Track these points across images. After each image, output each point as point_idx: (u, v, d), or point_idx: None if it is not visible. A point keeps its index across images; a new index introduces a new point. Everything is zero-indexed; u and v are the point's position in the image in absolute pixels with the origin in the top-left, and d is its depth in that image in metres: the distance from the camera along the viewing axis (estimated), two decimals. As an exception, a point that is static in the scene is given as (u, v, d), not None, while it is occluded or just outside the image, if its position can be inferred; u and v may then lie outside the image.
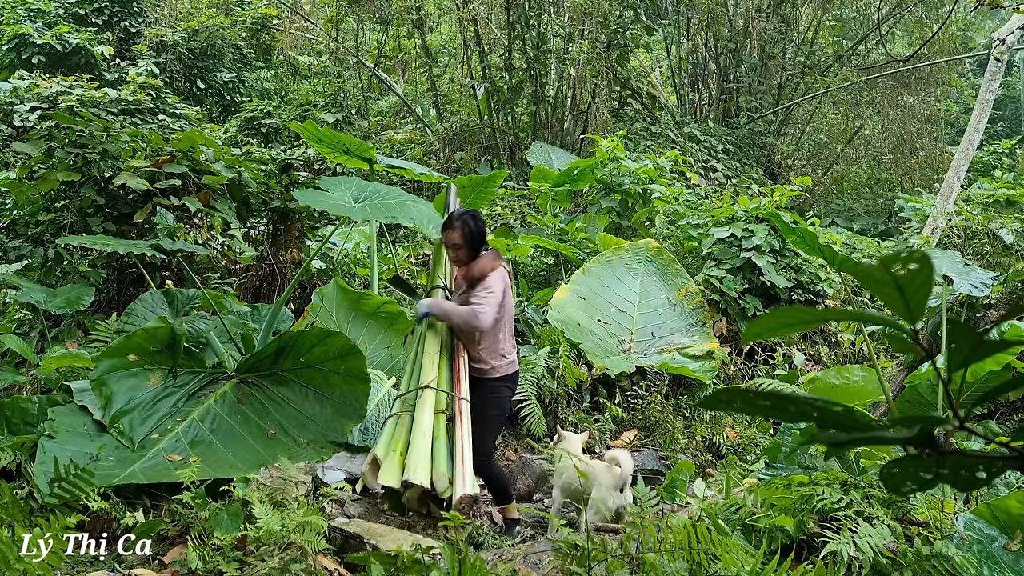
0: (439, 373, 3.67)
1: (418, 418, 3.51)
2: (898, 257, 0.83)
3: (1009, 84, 21.86)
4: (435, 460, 3.39)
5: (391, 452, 3.43)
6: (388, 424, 3.59)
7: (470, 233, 3.74)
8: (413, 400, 3.61)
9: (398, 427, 3.55)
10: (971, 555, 2.47)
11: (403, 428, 3.54)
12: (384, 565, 2.47)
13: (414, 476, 3.28)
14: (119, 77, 13.62)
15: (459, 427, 3.50)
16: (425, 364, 3.69)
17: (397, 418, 3.59)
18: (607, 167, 7.89)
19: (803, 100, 15.26)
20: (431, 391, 3.57)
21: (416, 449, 3.38)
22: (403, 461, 3.39)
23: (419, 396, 3.58)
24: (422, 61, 14.02)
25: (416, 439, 3.42)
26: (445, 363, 3.72)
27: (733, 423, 5.53)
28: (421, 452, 3.37)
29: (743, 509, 2.86)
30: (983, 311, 5.71)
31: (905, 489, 0.94)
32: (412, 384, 3.68)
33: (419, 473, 3.28)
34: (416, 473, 3.28)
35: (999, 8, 7.63)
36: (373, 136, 14.35)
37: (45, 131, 5.53)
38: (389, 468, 3.36)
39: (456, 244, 3.76)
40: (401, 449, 3.44)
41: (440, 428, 3.51)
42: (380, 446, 3.48)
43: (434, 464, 3.37)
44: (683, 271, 6.37)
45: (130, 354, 3.86)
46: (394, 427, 3.56)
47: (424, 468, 3.32)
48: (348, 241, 8.62)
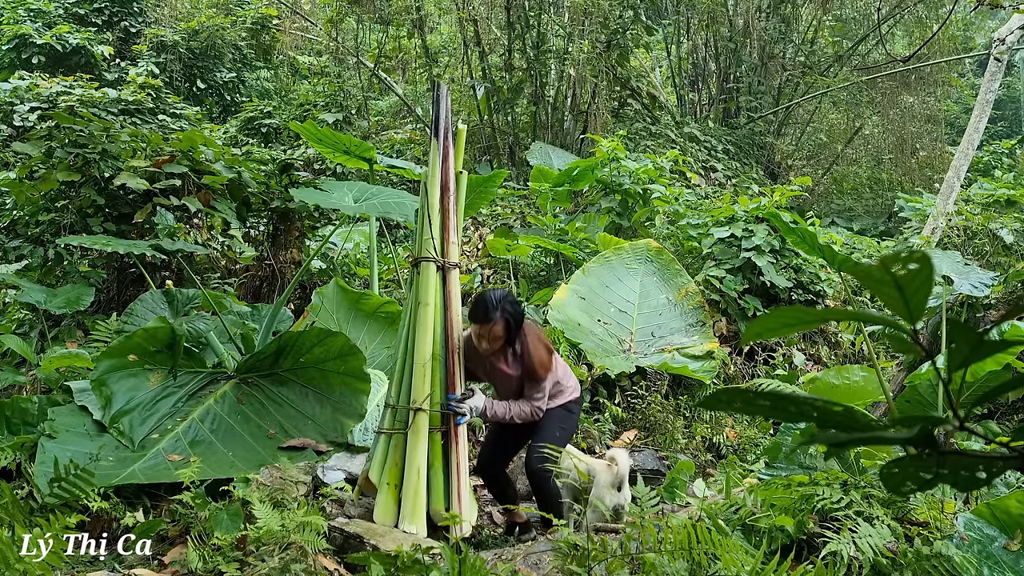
0: (433, 387, 3.27)
1: (411, 448, 3.22)
2: (898, 257, 0.83)
3: (1009, 84, 21.86)
4: (432, 495, 3.21)
5: (384, 485, 3.22)
6: (380, 442, 3.30)
7: (512, 322, 3.29)
8: (404, 415, 3.29)
9: (391, 450, 3.28)
10: (971, 555, 2.47)
11: (396, 452, 3.26)
12: (384, 565, 2.47)
13: (411, 525, 3.11)
14: (119, 77, 13.63)
15: (455, 447, 3.26)
16: (416, 377, 3.27)
17: (389, 437, 3.29)
18: (607, 167, 7.89)
19: (803, 100, 15.26)
20: (422, 415, 3.23)
21: (410, 488, 3.17)
22: (397, 496, 3.20)
23: (411, 418, 3.24)
24: (422, 61, 14.02)
25: (410, 475, 3.19)
26: (439, 369, 3.31)
27: (733, 423, 5.53)
28: (417, 491, 3.17)
29: (743, 509, 2.86)
30: (983, 311, 5.71)
31: (905, 489, 0.94)
32: (402, 398, 3.32)
33: (417, 522, 3.13)
34: (413, 523, 3.13)
35: (999, 8, 7.62)
36: (373, 136, 14.35)
37: (45, 131, 5.53)
38: (384, 505, 3.19)
39: (497, 337, 3.30)
40: (395, 482, 3.22)
41: (436, 453, 3.26)
42: (373, 469, 3.27)
43: (431, 500, 3.20)
44: (683, 271, 6.37)
45: (130, 354, 3.86)
46: (386, 448, 3.29)
47: (420, 511, 3.17)
48: (348, 241, 8.62)
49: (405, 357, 3.37)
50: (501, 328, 3.26)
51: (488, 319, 3.25)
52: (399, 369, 3.38)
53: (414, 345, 3.32)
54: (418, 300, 3.34)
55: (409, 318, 3.39)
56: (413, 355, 3.32)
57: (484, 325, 3.26)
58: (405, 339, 3.39)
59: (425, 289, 3.34)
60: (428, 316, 3.31)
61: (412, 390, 3.28)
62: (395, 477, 3.23)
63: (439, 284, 3.38)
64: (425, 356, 3.29)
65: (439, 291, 3.38)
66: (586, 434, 4.97)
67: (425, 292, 3.33)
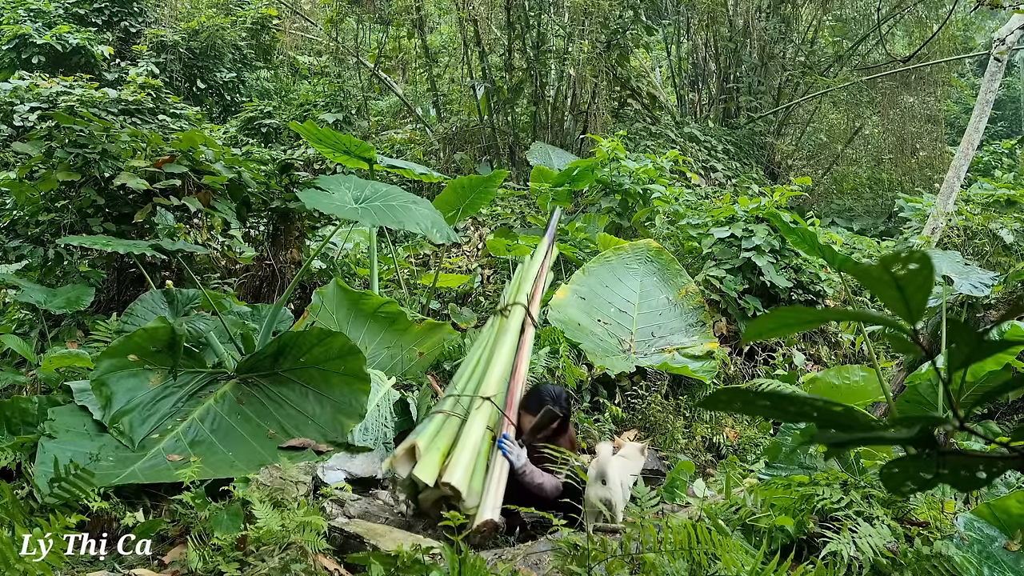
0: (500, 389, 3.60)
1: (469, 426, 3.43)
2: (898, 257, 0.83)
3: (1009, 84, 21.88)
4: (474, 474, 3.33)
5: (433, 448, 3.36)
6: (436, 419, 3.50)
7: (562, 421, 3.59)
8: (466, 405, 3.54)
9: (446, 426, 3.48)
10: (971, 555, 2.47)
11: (450, 429, 3.47)
12: (384, 565, 2.46)
13: (452, 478, 3.19)
14: (119, 77, 13.63)
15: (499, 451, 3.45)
16: (490, 374, 3.63)
17: (446, 417, 3.51)
18: (607, 167, 7.89)
19: (803, 100, 15.26)
20: (488, 404, 3.50)
21: (461, 456, 3.31)
22: (443, 461, 3.33)
23: (476, 405, 3.50)
24: (422, 61, 14.03)
25: (464, 446, 3.35)
26: (506, 380, 3.67)
27: (733, 423, 5.52)
28: (465, 461, 3.30)
29: (743, 509, 2.86)
30: (983, 311, 5.71)
31: (905, 489, 0.94)
32: (470, 388, 3.60)
33: (457, 477, 3.21)
34: (454, 476, 3.21)
35: (999, 8, 7.62)
36: (373, 136, 14.37)
37: (45, 131, 5.53)
38: (428, 463, 3.29)
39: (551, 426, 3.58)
40: (444, 450, 3.38)
41: (485, 445, 3.44)
42: (423, 436, 3.40)
43: (472, 477, 3.30)
44: (683, 271, 6.37)
45: (130, 354, 3.86)
46: (441, 425, 3.49)
47: (464, 476, 3.25)
48: (348, 241, 8.62)
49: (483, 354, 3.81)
50: (557, 423, 3.56)
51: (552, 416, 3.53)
52: (473, 363, 3.79)
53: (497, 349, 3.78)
54: (505, 329, 3.92)
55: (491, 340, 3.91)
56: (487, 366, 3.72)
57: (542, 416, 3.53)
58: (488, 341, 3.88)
59: (514, 328, 3.94)
60: (507, 345, 3.84)
61: (484, 385, 3.59)
62: (445, 446, 3.39)
63: (517, 329, 3.96)
64: (505, 361, 3.73)
65: (517, 334, 3.95)
66: (586, 434, 4.97)
67: (512, 329, 3.93)
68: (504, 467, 3.36)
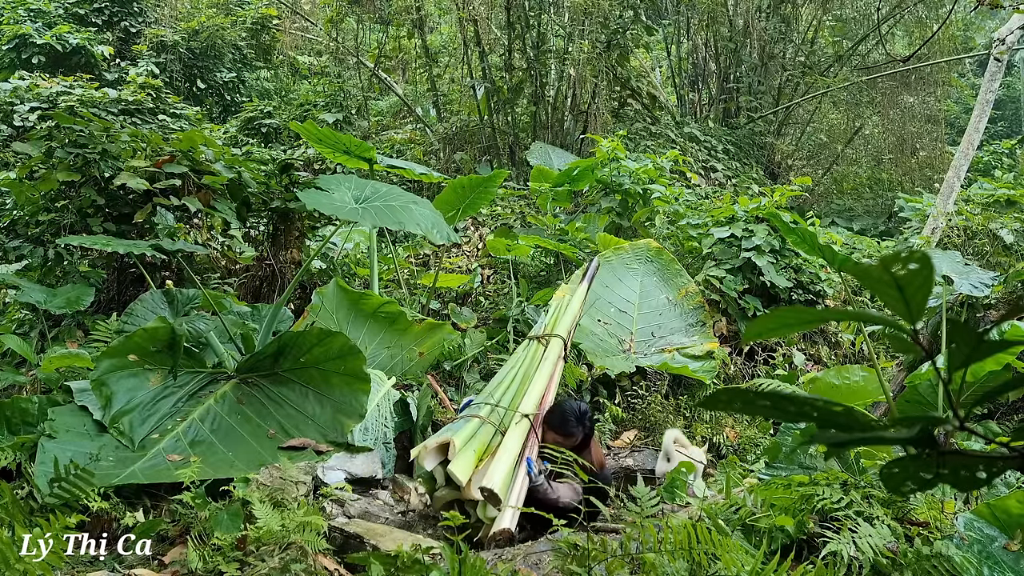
0: (535, 409, 3.75)
1: (508, 438, 3.55)
2: (898, 257, 0.83)
3: (1009, 84, 21.88)
4: (509, 484, 3.41)
5: (468, 449, 3.44)
6: (472, 422, 3.62)
7: (586, 437, 3.75)
8: (501, 416, 3.68)
9: (480, 431, 3.58)
10: (971, 555, 2.46)
11: (484, 436, 3.57)
12: (384, 565, 2.46)
13: (492, 484, 3.27)
14: (119, 77, 13.63)
15: (525, 464, 3.56)
16: (530, 393, 3.80)
17: (481, 423, 3.63)
18: (607, 167, 7.88)
19: (803, 100, 15.26)
20: (526, 421, 3.65)
21: (499, 464, 3.39)
22: (477, 461, 3.43)
23: (516, 420, 3.64)
24: (422, 61, 14.03)
25: (502, 456, 3.45)
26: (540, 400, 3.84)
27: (733, 423, 5.52)
28: (503, 470, 3.38)
29: (743, 509, 2.86)
30: (983, 311, 5.71)
31: (905, 489, 0.94)
32: (507, 399, 3.77)
33: (497, 483, 3.28)
34: (495, 482, 3.28)
35: (999, 8, 7.62)
36: (373, 136, 14.37)
37: (45, 131, 5.52)
38: (464, 462, 3.37)
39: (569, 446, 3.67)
40: (479, 453, 3.47)
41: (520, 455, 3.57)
42: (459, 436, 3.48)
43: (507, 486, 3.38)
44: (683, 271, 6.36)
45: (130, 354, 3.86)
46: (476, 429, 3.59)
47: (503, 483, 3.33)
48: (348, 241, 8.62)
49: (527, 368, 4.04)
50: (576, 441, 3.70)
51: (569, 433, 3.69)
52: (516, 374, 4.00)
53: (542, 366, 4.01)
54: (546, 357, 4.15)
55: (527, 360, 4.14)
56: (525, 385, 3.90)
57: (562, 436, 3.68)
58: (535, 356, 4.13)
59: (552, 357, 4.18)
60: (545, 371, 4.04)
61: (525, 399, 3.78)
62: (479, 450, 3.50)
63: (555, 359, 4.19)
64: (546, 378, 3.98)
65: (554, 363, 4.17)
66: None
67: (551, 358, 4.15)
68: (525, 481, 3.47)
